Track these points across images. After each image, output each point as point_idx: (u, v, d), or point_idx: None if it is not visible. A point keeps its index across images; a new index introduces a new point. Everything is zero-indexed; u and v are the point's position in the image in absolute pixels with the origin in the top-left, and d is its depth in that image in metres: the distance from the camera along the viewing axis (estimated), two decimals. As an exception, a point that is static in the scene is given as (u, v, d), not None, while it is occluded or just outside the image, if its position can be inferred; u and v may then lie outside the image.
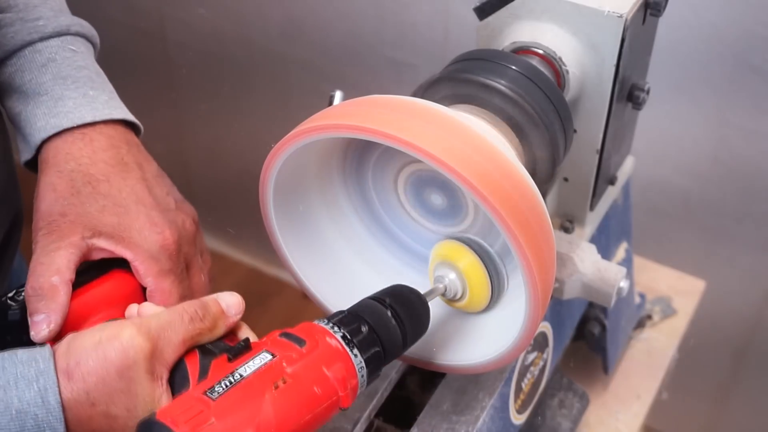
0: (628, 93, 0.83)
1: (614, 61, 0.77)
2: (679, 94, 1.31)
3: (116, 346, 0.59)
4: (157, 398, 0.60)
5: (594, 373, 1.08)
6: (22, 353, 0.59)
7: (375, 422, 0.82)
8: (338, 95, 0.76)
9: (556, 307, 0.90)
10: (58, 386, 0.58)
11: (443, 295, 0.71)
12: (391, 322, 0.63)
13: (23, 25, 0.77)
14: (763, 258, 1.41)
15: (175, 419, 0.53)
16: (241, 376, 0.57)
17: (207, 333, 0.63)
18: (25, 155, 0.75)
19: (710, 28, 1.24)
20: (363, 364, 0.60)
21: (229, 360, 0.59)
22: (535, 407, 0.90)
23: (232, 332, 0.66)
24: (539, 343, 0.88)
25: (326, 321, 0.62)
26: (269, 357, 0.58)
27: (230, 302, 0.65)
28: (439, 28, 1.47)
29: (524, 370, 0.85)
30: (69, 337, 0.61)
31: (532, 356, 0.87)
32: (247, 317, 0.66)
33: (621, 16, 0.74)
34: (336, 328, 0.61)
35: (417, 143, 0.59)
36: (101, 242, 0.70)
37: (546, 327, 0.89)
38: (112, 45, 1.92)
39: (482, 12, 0.79)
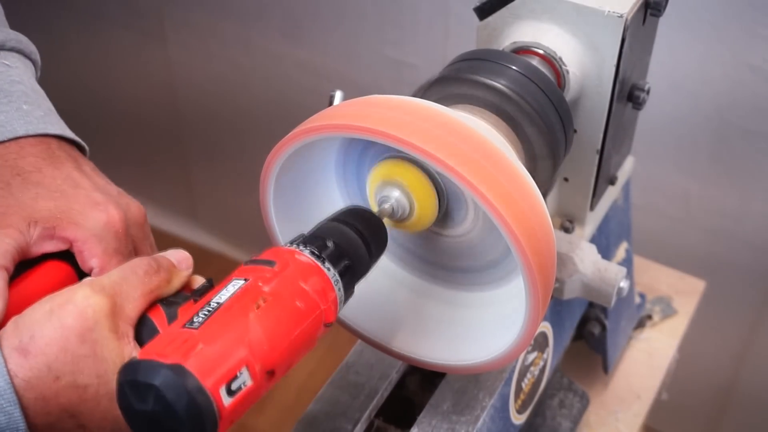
0: (628, 93, 0.83)
1: (614, 61, 0.77)
2: (679, 94, 1.31)
3: (71, 310, 0.54)
4: (127, 356, 0.56)
5: (594, 373, 1.08)
6: None
7: (375, 422, 0.82)
8: (338, 95, 0.76)
9: (556, 307, 0.90)
10: (6, 367, 0.53)
11: (390, 216, 0.68)
12: (353, 235, 0.62)
13: None
14: (763, 258, 1.41)
15: (160, 353, 0.50)
16: (218, 303, 0.54)
17: (165, 286, 0.60)
18: None
19: (710, 29, 1.24)
20: (337, 276, 0.59)
21: (195, 301, 0.56)
22: (535, 407, 0.91)
23: (189, 286, 0.63)
24: (539, 343, 0.88)
25: (290, 243, 0.60)
26: (242, 282, 0.56)
27: (179, 257, 0.63)
28: (439, 28, 1.47)
29: (524, 370, 0.85)
30: (14, 318, 0.56)
31: (532, 356, 0.87)
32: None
33: (621, 16, 0.74)
34: (302, 247, 0.59)
35: (417, 143, 0.59)
36: (39, 232, 0.64)
37: (546, 327, 0.89)
38: (112, 46, 1.93)
39: (482, 12, 0.79)
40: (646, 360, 1.12)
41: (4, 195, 0.65)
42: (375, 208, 0.68)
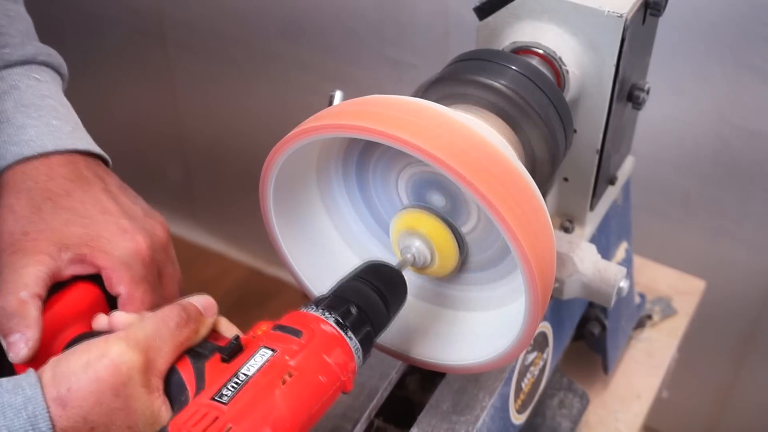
0: (628, 93, 0.83)
1: (614, 61, 0.77)
2: (679, 94, 1.31)
3: (107, 364, 0.57)
4: (157, 410, 0.58)
5: (594, 373, 1.08)
6: (5, 381, 0.56)
7: (375, 422, 0.82)
8: (338, 95, 0.76)
9: (556, 307, 0.90)
10: (49, 413, 0.55)
11: (413, 264, 0.70)
12: (374, 297, 0.64)
13: None
14: (763, 258, 1.41)
15: (191, 430, 0.52)
16: (246, 375, 0.56)
17: (193, 337, 0.62)
18: None
19: (710, 28, 1.24)
20: (358, 345, 0.61)
21: (224, 360, 0.59)
22: (535, 407, 0.90)
23: (214, 331, 0.65)
24: (539, 343, 0.88)
25: (315, 307, 0.62)
26: (270, 353, 0.58)
27: (205, 305, 0.64)
28: (439, 28, 1.47)
29: (524, 370, 0.85)
30: (51, 362, 0.58)
31: (532, 356, 0.87)
32: (247, 317, 0.66)
33: (621, 16, 0.74)
34: (327, 314, 0.61)
35: (417, 143, 0.59)
36: (70, 257, 0.67)
37: (546, 327, 0.89)
38: (112, 45, 1.93)
39: (482, 12, 0.79)
40: (646, 360, 1.12)
41: (35, 220, 0.68)
42: (398, 256, 0.71)
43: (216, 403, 0.54)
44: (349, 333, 0.61)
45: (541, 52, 0.77)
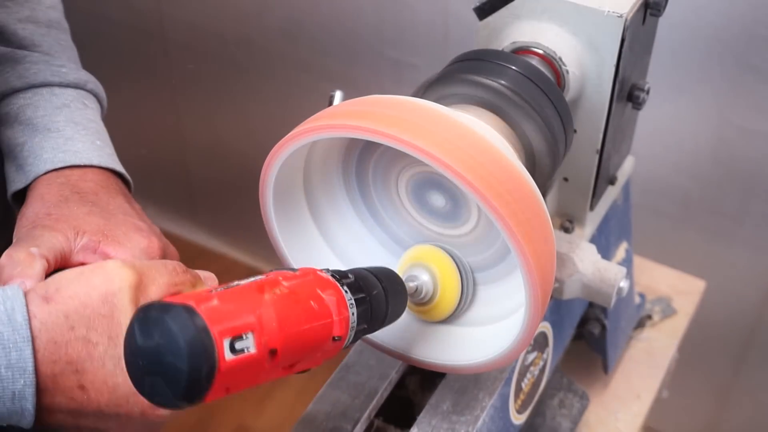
0: (628, 93, 0.83)
1: (614, 61, 0.77)
2: (679, 94, 1.32)
3: (100, 274, 0.57)
4: None
5: (594, 373, 1.08)
6: None
7: (375, 422, 0.82)
8: (338, 95, 0.76)
9: (556, 307, 0.90)
10: (27, 309, 0.55)
11: (414, 295, 0.71)
12: (378, 286, 0.64)
13: (48, 67, 0.79)
14: (763, 258, 1.41)
15: (176, 299, 0.51)
16: (238, 284, 0.55)
17: (188, 285, 0.62)
18: (18, 184, 0.74)
19: (710, 28, 1.24)
20: (353, 301, 0.60)
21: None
22: (535, 407, 0.90)
23: None
24: (539, 343, 0.88)
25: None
26: (263, 276, 0.57)
27: (206, 275, 0.65)
28: (439, 28, 1.47)
29: (524, 370, 0.85)
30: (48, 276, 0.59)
31: (532, 356, 0.87)
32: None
33: (621, 16, 0.74)
34: (325, 271, 0.61)
35: (417, 143, 0.59)
36: (84, 243, 0.68)
37: (546, 327, 0.89)
38: (113, 45, 1.93)
39: (482, 12, 0.79)
40: (646, 360, 1.12)
41: (60, 206, 0.70)
42: None
43: (204, 292, 0.53)
44: (345, 288, 0.60)
45: (540, 52, 0.77)
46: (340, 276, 0.61)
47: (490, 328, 0.72)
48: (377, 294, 0.63)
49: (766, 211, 1.36)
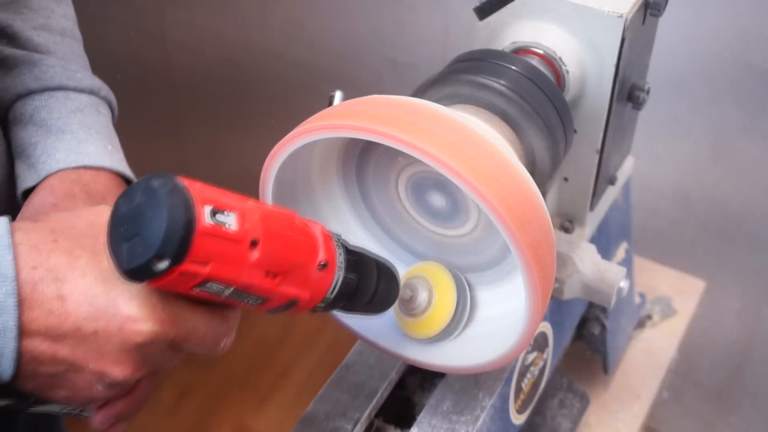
0: (628, 93, 0.83)
1: (614, 61, 0.77)
2: (679, 94, 1.31)
3: (90, 208, 0.58)
4: None
5: (594, 373, 1.08)
6: None
7: (375, 422, 0.82)
8: (338, 95, 0.76)
9: (556, 307, 0.90)
10: (11, 222, 0.54)
11: (407, 301, 0.72)
12: (372, 266, 0.64)
13: (64, 71, 0.80)
14: (763, 258, 1.41)
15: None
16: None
17: None
18: (29, 182, 0.74)
19: (710, 28, 1.24)
20: (342, 250, 0.60)
21: None
22: (535, 407, 0.91)
23: None
24: (539, 343, 0.88)
25: None
26: None
27: None
28: (439, 28, 1.47)
29: (524, 370, 0.85)
30: None
31: (532, 356, 0.87)
32: (248, 317, 0.66)
33: (621, 16, 0.74)
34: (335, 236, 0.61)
35: (417, 143, 0.59)
36: None
37: (546, 327, 0.89)
38: (113, 45, 1.93)
39: (482, 12, 0.79)
40: (646, 360, 1.12)
41: (67, 200, 0.71)
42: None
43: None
44: (337, 243, 0.60)
45: (541, 52, 0.77)
46: (336, 236, 0.61)
47: (490, 329, 0.72)
48: (370, 274, 0.63)
49: (766, 210, 1.36)
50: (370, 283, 0.64)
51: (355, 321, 0.75)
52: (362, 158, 0.73)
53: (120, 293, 0.54)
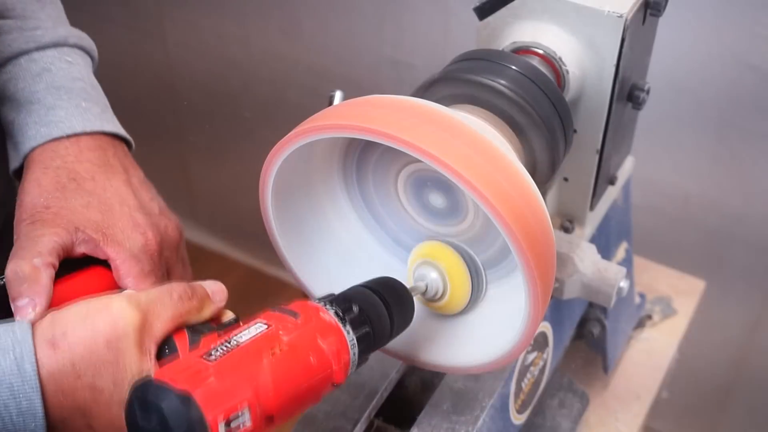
0: (628, 93, 0.83)
1: (614, 61, 0.77)
2: (679, 95, 1.31)
3: (105, 317, 0.58)
4: (146, 371, 0.59)
5: (594, 373, 1.08)
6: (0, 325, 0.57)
7: (375, 422, 0.82)
8: (338, 95, 0.76)
9: (556, 307, 0.90)
10: (35, 355, 0.56)
11: (424, 294, 0.72)
12: (381, 307, 0.64)
13: (21, 34, 0.76)
14: (763, 258, 1.41)
15: (173, 377, 0.53)
16: (237, 342, 0.56)
17: (195, 313, 0.63)
18: (14, 163, 0.75)
19: (710, 28, 1.23)
20: (355, 341, 0.61)
21: (219, 335, 0.59)
22: (535, 407, 0.90)
23: (218, 318, 0.66)
24: (539, 343, 0.88)
25: (318, 300, 0.63)
26: (264, 326, 0.58)
27: (215, 289, 0.65)
28: (439, 28, 1.46)
29: (524, 370, 0.85)
30: (52, 312, 0.60)
31: (532, 356, 0.87)
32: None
33: (621, 16, 0.74)
34: (328, 306, 0.62)
35: (417, 143, 0.59)
36: (84, 237, 0.68)
37: (546, 327, 0.89)
38: (113, 45, 1.93)
39: (482, 12, 0.79)
40: (646, 360, 1.12)
41: (58, 197, 0.70)
42: (411, 283, 0.72)
43: (203, 360, 0.54)
44: (347, 327, 0.61)
45: (541, 52, 0.77)
46: (343, 311, 0.62)
47: (490, 329, 0.72)
48: (381, 319, 0.64)
49: (766, 211, 1.36)
50: (383, 321, 0.64)
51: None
52: (362, 158, 0.73)
53: None
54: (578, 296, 0.84)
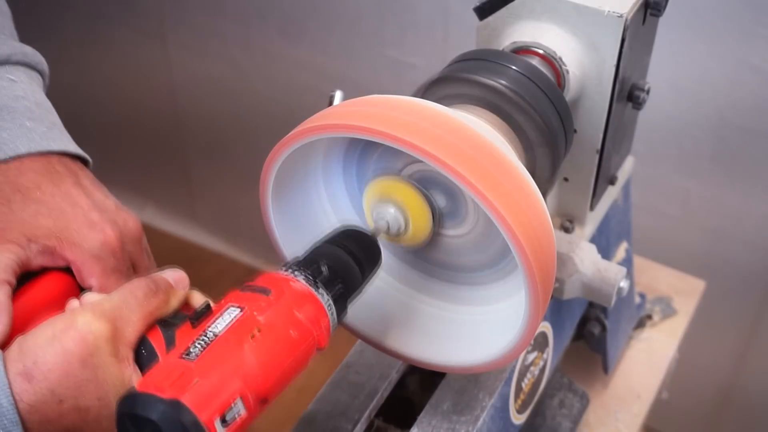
0: (628, 93, 0.83)
1: (614, 61, 0.77)
2: (679, 95, 1.31)
3: (73, 336, 0.56)
4: (127, 379, 0.58)
5: (594, 373, 1.08)
6: None
7: (375, 422, 0.82)
8: (338, 95, 0.76)
9: (556, 307, 0.90)
10: (11, 389, 0.55)
11: (387, 232, 0.70)
12: (346, 258, 0.64)
13: None
14: (763, 258, 1.41)
15: (158, 386, 0.52)
16: (214, 334, 0.55)
17: (163, 307, 0.62)
18: None
19: (710, 29, 1.24)
20: (330, 302, 0.61)
21: (193, 326, 0.58)
22: (535, 407, 0.90)
23: (186, 304, 0.65)
24: (539, 343, 0.88)
25: (284, 268, 0.62)
26: (238, 311, 0.57)
27: (176, 278, 0.64)
28: (439, 28, 1.47)
29: (524, 370, 0.85)
30: (18, 340, 0.58)
31: (532, 356, 0.87)
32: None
33: (621, 16, 0.74)
34: (297, 273, 0.61)
35: (417, 143, 0.59)
36: (38, 248, 0.66)
37: (546, 327, 0.89)
38: (112, 46, 1.93)
39: (482, 12, 0.79)
40: (646, 360, 1.12)
41: (4, 211, 0.67)
42: (371, 225, 0.70)
43: (183, 361, 0.54)
44: (321, 290, 0.61)
45: (541, 52, 0.77)
46: (313, 275, 0.61)
47: (490, 328, 0.72)
48: (351, 271, 0.64)
49: (766, 211, 1.36)
50: (353, 273, 0.64)
51: (355, 321, 0.75)
52: (363, 158, 0.73)
53: None
54: (578, 296, 0.84)
